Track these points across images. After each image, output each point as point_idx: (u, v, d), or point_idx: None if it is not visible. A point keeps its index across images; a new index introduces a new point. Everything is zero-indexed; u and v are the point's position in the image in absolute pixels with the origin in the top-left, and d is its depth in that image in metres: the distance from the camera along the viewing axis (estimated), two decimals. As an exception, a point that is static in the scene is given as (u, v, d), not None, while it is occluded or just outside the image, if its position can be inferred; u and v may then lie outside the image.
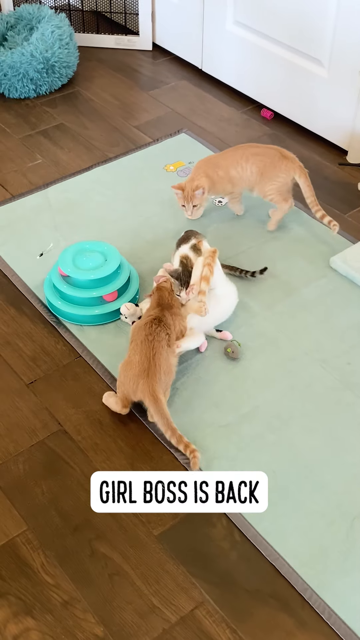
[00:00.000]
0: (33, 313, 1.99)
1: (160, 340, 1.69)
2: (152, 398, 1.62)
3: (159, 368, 1.65)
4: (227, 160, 2.20)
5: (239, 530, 1.52)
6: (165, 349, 1.69)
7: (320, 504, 1.57)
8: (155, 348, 1.67)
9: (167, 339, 1.71)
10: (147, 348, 1.66)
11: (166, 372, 1.68)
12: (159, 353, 1.66)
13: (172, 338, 1.74)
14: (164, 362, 1.67)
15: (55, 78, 2.86)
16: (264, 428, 1.71)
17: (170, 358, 1.71)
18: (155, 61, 3.14)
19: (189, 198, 2.16)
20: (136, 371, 1.64)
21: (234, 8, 2.72)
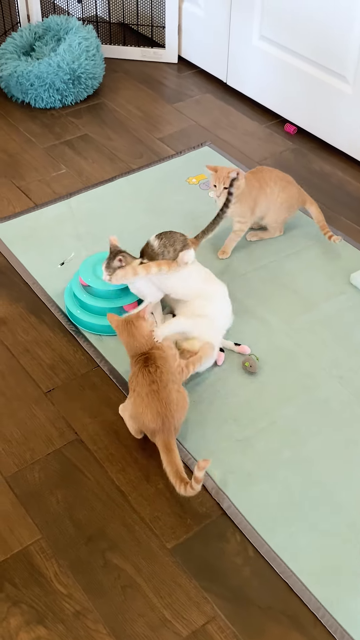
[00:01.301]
0: (53, 321, 2.00)
1: (165, 383, 1.60)
2: (165, 450, 1.57)
3: (172, 419, 1.59)
4: (265, 177, 2.20)
5: (252, 546, 1.52)
6: (172, 388, 1.61)
7: (335, 522, 1.56)
8: (163, 397, 1.59)
9: (168, 375, 1.62)
10: (156, 401, 1.59)
11: (180, 411, 1.62)
12: (168, 401, 1.59)
13: (173, 370, 1.66)
14: (175, 407, 1.60)
15: (81, 89, 2.89)
16: (280, 443, 1.71)
17: (179, 394, 1.63)
18: (181, 74, 3.16)
19: (220, 179, 2.10)
20: (150, 428, 1.60)
21: (260, 23, 2.74)
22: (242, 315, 2.01)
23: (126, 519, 1.56)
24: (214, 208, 2.38)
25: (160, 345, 1.69)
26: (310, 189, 2.50)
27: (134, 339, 1.67)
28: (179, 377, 1.68)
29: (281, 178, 2.21)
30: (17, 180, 2.52)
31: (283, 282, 2.14)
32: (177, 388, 1.63)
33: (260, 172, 2.22)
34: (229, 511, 1.57)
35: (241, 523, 1.55)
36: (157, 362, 1.64)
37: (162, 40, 3.20)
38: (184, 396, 1.65)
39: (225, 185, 2.10)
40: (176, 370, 1.68)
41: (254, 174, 2.22)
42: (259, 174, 2.21)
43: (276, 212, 2.22)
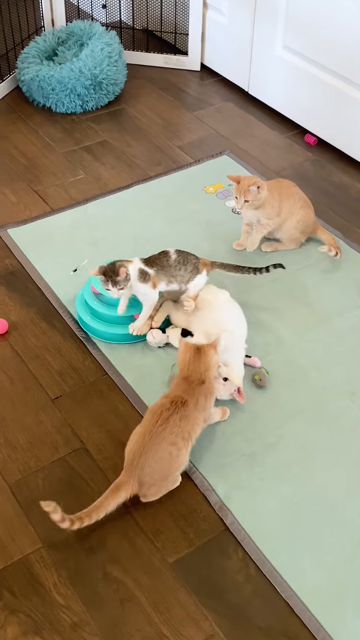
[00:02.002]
0: (64, 328, 2.00)
1: (162, 438, 1.51)
2: (112, 487, 1.51)
3: (138, 470, 1.50)
4: (291, 191, 2.20)
5: (254, 564, 1.50)
6: (165, 446, 1.51)
7: (340, 542, 1.53)
8: (148, 446, 1.51)
9: (174, 432, 1.52)
10: (140, 443, 1.52)
11: (156, 469, 1.52)
12: (150, 453, 1.50)
13: (190, 426, 1.55)
14: (152, 463, 1.51)
15: (102, 95, 2.89)
16: (288, 459, 1.68)
17: (170, 455, 1.52)
18: (203, 82, 3.15)
19: (242, 192, 2.09)
20: (127, 460, 1.54)
21: (283, 33, 2.72)
22: (255, 327, 1.99)
23: (128, 531, 1.54)
24: (231, 218, 2.38)
25: (210, 383, 1.61)
26: (328, 200, 2.48)
27: (194, 363, 1.61)
28: (193, 434, 1.57)
29: (304, 199, 2.22)
30: (35, 184, 2.53)
31: (296, 294, 2.12)
32: (173, 449, 1.52)
33: (284, 182, 2.22)
34: (232, 527, 1.55)
35: (244, 540, 1.53)
36: (180, 412, 1.54)
37: (185, 48, 3.19)
38: (175, 460, 1.53)
39: (247, 198, 2.09)
40: (199, 422, 1.59)
41: (278, 181, 2.22)
42: (282, 183, 2.22)
43: (291, 228, 2.20)
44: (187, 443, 1.55)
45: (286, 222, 2.19)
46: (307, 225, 2.22)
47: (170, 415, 1.54)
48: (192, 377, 1.61)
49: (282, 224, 2.19)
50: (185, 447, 1.55)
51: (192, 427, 1.56)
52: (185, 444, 1.55)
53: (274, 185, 2.19)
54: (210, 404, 1.63)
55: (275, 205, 2.16)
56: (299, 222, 2.19)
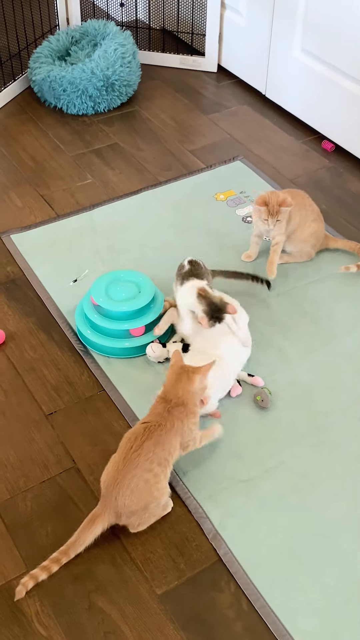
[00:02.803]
0: (62, 339, 1.94)
1: (135, 465, 1.44)
2: (87, 519, 1.44)
3: (113, 501, 1.43)
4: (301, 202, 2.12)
5: (247, 599, 1.42)
6: (140, 474, 1.44)
7: (337, 579, 1.45)
8: (121, 475, 1.43)
9: (148, 459, 1.44)
10: (113, 471, 1.45)
11: (133, 500, 1.43)
12: (123, 483, 1.43)
13: (164, 451, 1.47)
14: (127, 493, 1.42)
15: (115, 96, 2.82)
16: (287, 487, 1.61)
17: (146, 483, 1.44)
18: (219, 83, 3.07)
19: (274, 212, 1.97)
20: (102, 490, 1.47)
21: (302, 36, 2.63)
22: (259, 343, 1.92)
23: (116, 558, 1.48)
24: (241, 227, 2.30)
25: (189, 406, 1.52)
26: (343, 210, 2.39)
27: (176, 384, 1.53)
28: (170, 459, 1.49)
29: (317, 211, 2.14)
30: (42, 188, 2.47)
31: (305, 310, 2.03)
32: (149, 476, 1.44)
33: (297, 193, 2.14)
34: (225, 558, 1.48)
35: (237, 572, 1.46)
36: (155, 437, 1.47)
37: (202, 48, 3.11)
38: (153, 487, 1.45)
39: (279, 218, 1.99)
40: (176, 447, 1.50)
41: (291, 192, 2.13)
42: (295, 193, 2.13)
43: (301, 241, 2.12)
44: (164, 469, 1.47)
45: (296, 234, 2.11)
46: (318, 239, 2.14)
47: (144, 441, 1.46)
48: (171, 398, 1.53)
49: (291, 234, 2.10)
50: (163, 473, 1.47)
51: (168, 453, 1.48)
52: (162, 469, 1.47)
53: (289, 194, 2.11)
54: (189, 428, 1.52)
55: (284, 223, 2.07)
56: (311, 235, 2.11)
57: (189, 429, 1.52)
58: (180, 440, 1.51)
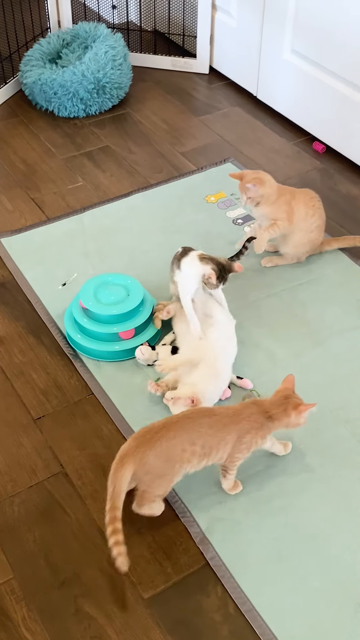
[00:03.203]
0: (51, 343, 1.94)
1: (190, 429, 1.46)
2: (118, 457, 1.45)
3: (151, 445, 1.44)
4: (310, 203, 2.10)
5: (233, 603, 1.42)
6: (186, 443, 1.45)
7: (323, 582, 1.45)
8: (177, 428, 1.45)
9: (203, 441, 1.46)
10: (171, 421, 1.48)
11: (162, 457, 1.44)
12: (173, 434, 1.45)
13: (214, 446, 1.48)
14: (167, 444, 1.44)
15: (106, 99, 2.82)
16: (274, 491, 1.61)
17: (184, 455, 1.45)
18: (211, 85, 3.07)
19: (242, 189, 2.04)
20: (141, 429, 1.49)
21: (292, 37, 2.63)
22: (248, 345, 1.92)
23: (103, 563, 1.48)
24: (231, 229, 2.30)
25: (268, 425, 1.53)
26: (334, 212, 2.39)
27: (279, 402, 1.55)
28: (213, 451, 1.49)
29: (323, 219, 2.12)
30: (33, 191, 2.47)
31: (295, 312, 2.03)
32: (186, 447, 1.45)
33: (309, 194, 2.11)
34: (212, 562, 1.48)
35: (224, 576, 1.46)
36: (215, 420, 1.49)
37: (194, 50, 3.11)
38: (178, 463, 1.46)
39: (248, 195, 2.02)
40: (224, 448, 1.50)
41: (303, 191, 2.12)
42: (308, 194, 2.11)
43: (299, 244, 2.10)
44: (201, 457, 1.47)
45: (295, 235, 2.09)
46: (314, 247, 2.14)
47: (203, 417, 1.48)
48: (266, 409, 1.53)
49: (291, 234, 2.09)
50: (197, 459, 1.47)
51: (216, 443, 1.48)
52: (200, 454, 1.47)
53: (296, 192, 2.10)
54: (250, 443, 1.51)
55: (283, 209, 2.05)
56: (311, 241, 2.11)
57: (249, 443, 1.51)
58: (235, 442, 1.49)
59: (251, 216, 2.34)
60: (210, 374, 1.72)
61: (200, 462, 1.49)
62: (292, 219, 2.06)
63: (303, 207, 2.07)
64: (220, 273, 1.80)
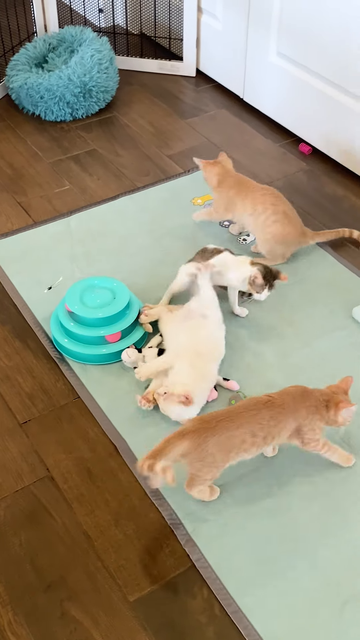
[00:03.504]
0: (37, 347, 1.94)
1: (252, 420, 1.49)
2: (180, 432, 1.47)
3: (212, 430, 1.46)
4: (254, 193, 2.14)
5: (219, 604, 1.43)
6: (247, 435, 1.49)
7: (310, 583, 1.46)
8: (240, 416, 1.49)
9: (265, 432, 1.50)
10: (236, 410, 1.51)
11: (222, 444, 1.47)
12: (237, 423, 1.48)
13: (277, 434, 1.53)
14: (227, 432, 1.47)
15: (93, 102, 2.82)
16: (261, 492, 1.61)
17: (244, 444, 1.50)
18: (198, 88, 3.08)
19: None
20: (206, 415, 1.53)
21: (277, 39, 2.64)
22: (235, 347, 1.92)
23: (89, 566, 1.48)
24: (218, 231, 2.31)
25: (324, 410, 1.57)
26: (320, 213, 2.40)
27: (335, 392, 1.61)
28: (277, 438, 1.54)
29: (283, 212, 2.11)
30: (19, 195, 2.47)
31: (281, 313, 2.04)
32: (246, 439, 1.50)
33: (268, 190, 2.16)
34: (198, 564, 1.48)
35: (210, 578, 1.46)
36: (274, 411, 1.52)
37: (181, 53, 3.12)
38: (238, 449, 1.50)
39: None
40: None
41: (264, 188, 2.17)
42: (266, 190, 2.15)
43: (263, 239, 2.14)
44: (261, 444, 1.51)
45: (256, 232, 2.14)
46: (286, 242, 2.13)
47: (262, 410, 1.51)
48: (323, 395, 1.57)
49: (252, 232, 2.16)
50: (256, 446, 1.51)
51: (278, 431, 1.53)
52: (260, 443, 1.51)
53: (249, 189, 2.15)
54: (311, 425, 1.55)
55: (222, 201, 2.17)
56: (274, 237, 2.11)
57: (311, 424, 1.55)
58: (297, 427, 1.54)
59: (237, 218, 2.35)
60: (197, 375, 1.72)
61: (257, 451, 1.54)
62: (229, 212, 2.17)
63: (251, 204, 2.11)
64: (265, 277, 1.89)
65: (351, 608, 1.41)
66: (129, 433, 1.72)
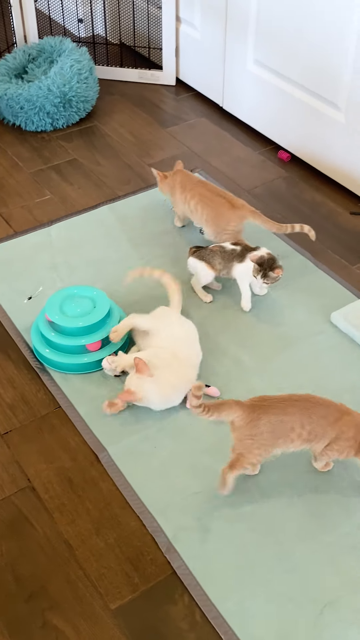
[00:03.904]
0: (18, 357, 1.94)
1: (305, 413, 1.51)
2: (233, 400, 1.52)
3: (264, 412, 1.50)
4: (188, 184, 2.25)
5: (200, 610, 1.43)
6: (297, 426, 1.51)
7: (289, 587, 1.47)
8: (296, 406, 1.51)
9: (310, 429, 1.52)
10: (297, 399, 1.53)
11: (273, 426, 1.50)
12: (292, 411, 1.50)
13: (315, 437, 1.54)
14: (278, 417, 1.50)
15: (73, 112, 2.84)
16: (241, 497, 1.62)
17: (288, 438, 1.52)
18: (178, 97, 3.10)
19: None
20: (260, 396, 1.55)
21: (254, 47, 2.66)
22: (215, 353, 1.94)
23: (71, 575, 1.49)
24: (198, 239, 2.32)
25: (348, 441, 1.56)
26: (299, 219, 2.42)
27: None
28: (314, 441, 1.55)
29: (201, 195, 2.19)
30: (0, 206, 2.48)
31: (260, 318, 2.06)
32: (295, 428, 1.52)
33: (180, 172, 2.31)
34: (179, 571, 1.49)
35: (191, 584, 1.47)
36: (324, 417, 1.54)
37: (161, 62, 3.14)
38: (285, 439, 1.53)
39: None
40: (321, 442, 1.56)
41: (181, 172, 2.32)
42: (187, 176, 2.30)
43: (202, 224, 2.22)
44: (300, 443, 1.53)
45: (208, 228, 2.19)
46: (218, 225, 2.15)
47: (316, 407, 1.52)
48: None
49: (205, 228, 2.21)
50: (299, 441, 1.52)
51: (316, 434, 1.53)
52: (302, 441, 1.52)
53: (190, 181, 2.26)
54: (335, 447, 1.55)
55: (165, 191, 2.34)
56: (207, 221, 2.18)
57: (343, 449, 1.55)
58: (332, 440, 1.54)
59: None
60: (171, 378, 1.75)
61: (301, 446, 1.55)
62: (179, 209, 2.32)
63: (183, 196, 2.24)
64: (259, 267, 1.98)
65: (330, 611, 1.42)
66: (109, 442, 1.73)
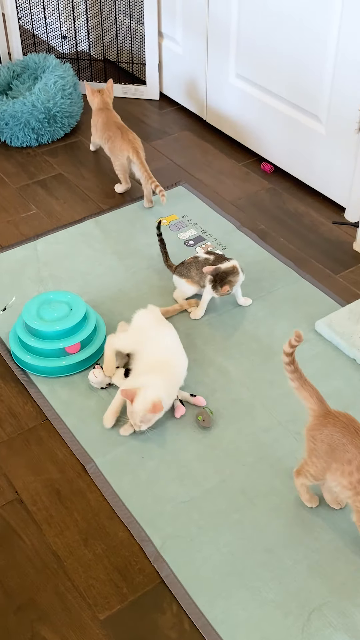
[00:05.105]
0: (5, 371, 1.95)
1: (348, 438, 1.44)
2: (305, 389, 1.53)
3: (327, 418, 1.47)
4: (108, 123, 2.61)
5: (188, 619, 1.44)
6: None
7: (277, 593, 1.48)
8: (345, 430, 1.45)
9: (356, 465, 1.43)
10: (351, 423, 1.46)
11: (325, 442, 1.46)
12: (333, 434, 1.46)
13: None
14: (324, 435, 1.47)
15: (57, 127, 2.87)
16: (228, 505, 1.63)
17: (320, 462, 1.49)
18: (162, 111, 3.14)
19: None
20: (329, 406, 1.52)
21: (235, 61, 2.70)
22: (201, 363, 1.95)
23: (59, 586, 1.49)
24: (182, 250, 2.36)
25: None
26: (282, 229, 2.45)
27: None
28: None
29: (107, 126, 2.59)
30: (-14, 221, 2.50)
31: (245, 328, 2.08)
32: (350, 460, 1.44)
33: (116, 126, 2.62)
34: (167, 580, 1.50)
35: (179, 593, 1.48)
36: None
37: (144, 77, 3.18)
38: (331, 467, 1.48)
39: None
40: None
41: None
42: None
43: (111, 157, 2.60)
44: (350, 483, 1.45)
45: (111, 156, 2.61)
46: (115, 153, 2.56)
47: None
48: None
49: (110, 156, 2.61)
50: (342, 477, 1.46)
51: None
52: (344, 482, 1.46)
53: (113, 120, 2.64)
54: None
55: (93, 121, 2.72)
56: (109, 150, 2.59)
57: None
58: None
59: (202, 237, 2.40)
60: (166, 379, 1.78)
61: (345, 491, 1.47)
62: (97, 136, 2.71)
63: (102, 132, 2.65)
64: (213, 279, 2.03)
65: (317, 617, 1.43)
66: (97, 453, 1.74)
